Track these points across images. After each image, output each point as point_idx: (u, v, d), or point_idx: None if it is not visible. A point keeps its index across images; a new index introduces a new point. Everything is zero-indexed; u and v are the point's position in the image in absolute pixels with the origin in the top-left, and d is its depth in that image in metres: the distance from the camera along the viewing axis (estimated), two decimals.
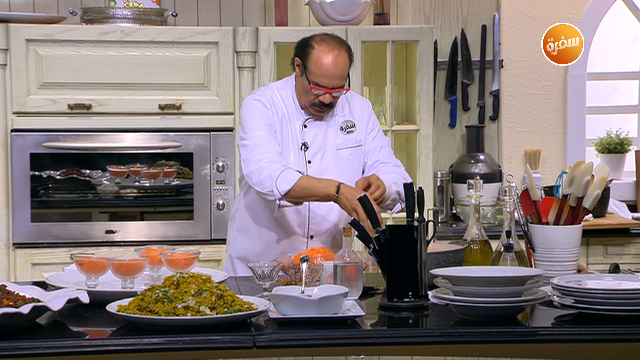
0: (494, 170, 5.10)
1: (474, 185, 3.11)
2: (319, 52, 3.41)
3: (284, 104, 3.54)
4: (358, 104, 3.64)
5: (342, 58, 3.42)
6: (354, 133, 3.58)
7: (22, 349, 2.35)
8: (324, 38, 3.46)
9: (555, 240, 3.00)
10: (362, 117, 3.61)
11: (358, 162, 3.58)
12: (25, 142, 4.48)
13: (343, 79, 3.44)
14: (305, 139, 3.52)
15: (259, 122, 3.45)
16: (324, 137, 3.54)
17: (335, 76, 3.41)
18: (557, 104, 5.31)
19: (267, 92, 3.56)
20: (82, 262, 2.88)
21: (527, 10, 5.25)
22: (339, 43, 3.46)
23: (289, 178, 3.27)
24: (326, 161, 3.53)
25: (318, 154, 3.53)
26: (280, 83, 3.62)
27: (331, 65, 3.40)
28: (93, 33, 4.52)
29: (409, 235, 2.77)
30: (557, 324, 2.57)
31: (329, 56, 3.40)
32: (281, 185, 3.28)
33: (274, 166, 3.31)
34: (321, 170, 3.50)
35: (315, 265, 2.92)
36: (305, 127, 3.53)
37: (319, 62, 3.40)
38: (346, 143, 3.56)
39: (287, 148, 3.50)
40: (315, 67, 3.41)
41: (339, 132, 3.56)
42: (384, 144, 3.65)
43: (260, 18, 5.08)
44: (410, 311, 2.71)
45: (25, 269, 4.48)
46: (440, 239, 4.45)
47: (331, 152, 3.53)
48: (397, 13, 5.16)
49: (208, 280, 2.59)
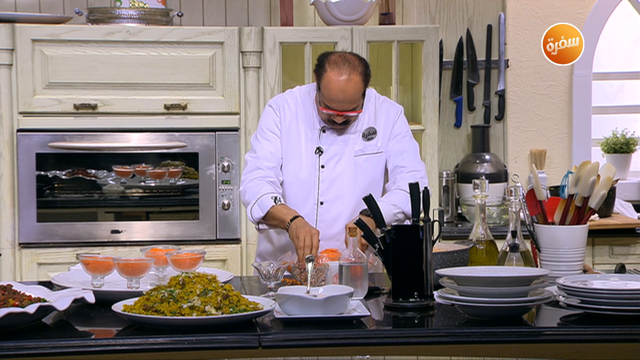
0: (499, 170, 5.09)
1: (479, 185, 3.11)
2: (329, 76, 3.36)
3: (304, 107, 3.54)
4: (385, 111, 3.58)
5: (353, 84, 3.35)
6: (374, 140, 3.54)
7: (28, 349, 2.36)
8: (337, 61, 3.38)
9: (561, 240, 3.00)
10: (387, 123, 3.56)
11: (374, 169, 3.54)
12: (31, 142, 4.48)
13: (353, 103, 3.40)
14: (320, 144, 3.51)
15: (263, 130, 3.55)
16: (343, 143, 3.52)
17: (343, 101, 3.38)
18: (562, 104, 5.31)
19: (285, 96, 3.61)
20: (87, 262, 2.89)
21: (532, 10, 5.25)
22: (352, 67, 3.37)
23: (263, 206, 3.36)
24: (341, 167, 3.51)
25: (333, 159, 3.52)
26: (305, 87, 3.62)
27: (339, 92, 3.35)
28: (99, 33, 4.53)
29: (414, 235, 2.78)
30: (562, 324, 2.57)
31: (338, 82, 3.35)
32: (255, 212, 3.39)
33: (254, 190, 3.41)
34: (334, 176, 3.50)
35: (320, 265, 2.92)
36: (324, 131, 3.52)
37: (329, 86, 3.37)
38: (364, 150, 3.53)
39: (299, 151, 3.51)
40: (325, 90, 3.39)
41: (360, 139, 3.53)
42: (407, 148, 3.55)
43: (265, 18, 5.09)
44: (415, 311, 2.71)
45: (31, 269, 4.49)
46: (445, 239, 4.45)
47: (348, 158, 3.52)
48: (403, 13, 5.16)
49: (214, 280, 2.59)
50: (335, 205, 3.50)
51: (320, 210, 3.51)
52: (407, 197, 3.32)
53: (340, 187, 3.51)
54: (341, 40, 4.67)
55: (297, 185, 3.51)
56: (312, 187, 3.50)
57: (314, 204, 3.51)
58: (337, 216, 3.50)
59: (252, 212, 3.39)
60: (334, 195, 3.51)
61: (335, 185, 3.51)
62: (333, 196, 3.51)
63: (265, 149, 3.51)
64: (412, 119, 5.00)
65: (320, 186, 3.51)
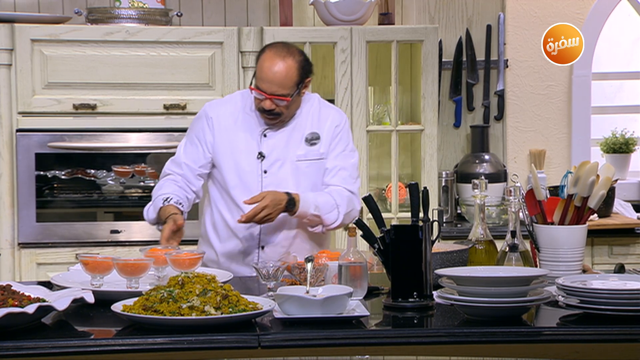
0: (498, 170, 5.09)
1: (478, 185, 3.11)
2: (265, 56, 3.35)
3: (244, 112, 3.49)
4: (330, 116, 3.51)
5: (286, 66, 3.31)
6: (317, 145, 3.47)
7: (27, 349, 2.36)
8: (277, 44, 3.41)
9: (560, 240, 3.00)
10: (331, 129, 3.49)
11: (316, 175, 3.47)
12: (31, 142, 4.48)
13: (284, 88, 3.33)
14: (262, 149, 3.45)
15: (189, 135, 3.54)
16: (285, 147, 3.45)
17: (272, 82, 3.32)
18: (562, 104, 5.31)
19: (224, 101, 3.58)
20: (87, 262, 2.89)
21: (532, 10, 5.25)
22: (288, 52, 3.36)
23: (155, 207, 3.41)
24: (284, 172, 3.45)
25: (276, 164, 3.45)
26: (246, 91, 3.52)
27: (270, 71, 3.31)
28: (98, 33, 4.53)
29: (413, 235, 2.77)
30: (562, 324, 2.57)
31: (271, 61, 3.32)
32: (150, 213, 3.45)
33: (156, 192, 3.47)
34: (278, 181, 3.43)
35: (320, 265, 2.92)
36: (265, 136, 3.46)
37: (262, 65, 3.34)
38: (307, 155, 3.46)
39: (240, 157, 3.45)
40: (258, 70, 3.36)
41: (302, 143, 3.46)
42: (346, 165, 3.49)
43: (265, 18, 5.09)
44: (415, 311, 2.71)
45: (30, 269, 4.49)
46: (445, 239, 4.45)
47: (291, 163, 3.45)
48: (402, 13, 5.16)
49: (213, 280, 2.59)
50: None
51: None
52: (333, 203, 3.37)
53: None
54: (340, 40, 4.67)
55: (241, 191, 3.43)
56: (256, 193, 3.39)
57: None
58: (282, 223, 3.43)
59: (148, 214, 3.45)
60: None
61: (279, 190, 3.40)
62: None
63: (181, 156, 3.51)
64: (412, 119, 5.00)
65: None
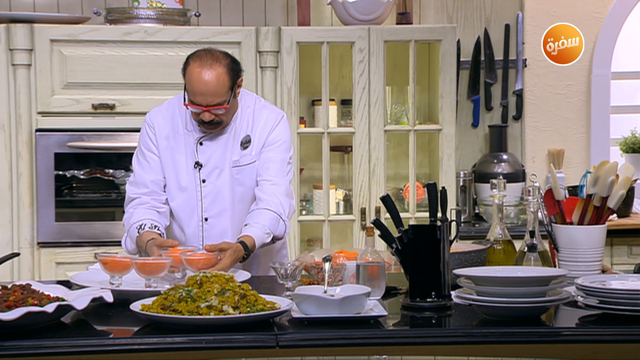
0: (517, 170, 5.08)
1: (497, 185, 3.10)
2: (192, 69, 3.25)
3: (181, 120, 3.42)
4: (263, 117, 3.42)
5: (215, 75, 3.22)
6: (249, 149, 3.40)
7: (46, 348, 2.37)
8: (200, 54, 3.28)
9: (579, 240, 2.99)
10: (264, 130, 3.40)
11: (250, 180, 3.39)
12: (50, 142, 4.50)
13: (218, 96, 3.24)
14: (198, 158, 3.38)
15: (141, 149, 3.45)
16: (221, 154, 3.38)
17: (205, 94, 3.23)
18: (580, 104, 5.29)
19: (162, 108, 3.49)
20: (106, 261, 2.90)
21: (550, 9, 5.23)
22: (214, 59, 3.25)
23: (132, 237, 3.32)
24: (223, 180, 3.39)
25: (214, 173, 3.38)
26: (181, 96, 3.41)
27: (201, 83, 3.22)
28: (116, 33, 4.54)
29: (431, 235, 2.77)
30: (581, 324, 2.56)
31: (199, 73, 3.22)
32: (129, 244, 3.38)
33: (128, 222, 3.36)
34: (217, 190, 3.39)
35: (337, 265, 2.92)
36: (201, 144, 3.39)
37: (190, 79, 3.25)
38: (240, 161, 3.39)
39: (180, 167, 3.39)
40: (188, 84, 3.26)
41: (238, 148, 3.39)
42: (275, 159, 3.39)
43: (282, 18, 5.09)
44: (433, 311, 2.71)
45: (49, 268, 4.51)
46: (463, 238, 4.44)
47: (228, 170, 3.39)
48: (420, 12, 5.15)
49: (231, 279, 2.60)
50: (220, 220, 3.39)
51: (206, 227, 3.39)
52: (276, 217, 3.28)
53: (224, 201, 3.39)
54: (358, 40, 4.66)
55: (181, 202, 3.40)
56: (195, 203, 3.38)
57: (199, 221, 3.39)
58: (223, 231, 3.39)
59: (126, 245, 3.40)
60: (217, 210, 3.39)
61: (219, 199, 3.38)
62: (217, 211, 3.39)
63: (140, 174, 3.42)
64: (429, 119, 4.99)
65: (204, 201, 3.39)
